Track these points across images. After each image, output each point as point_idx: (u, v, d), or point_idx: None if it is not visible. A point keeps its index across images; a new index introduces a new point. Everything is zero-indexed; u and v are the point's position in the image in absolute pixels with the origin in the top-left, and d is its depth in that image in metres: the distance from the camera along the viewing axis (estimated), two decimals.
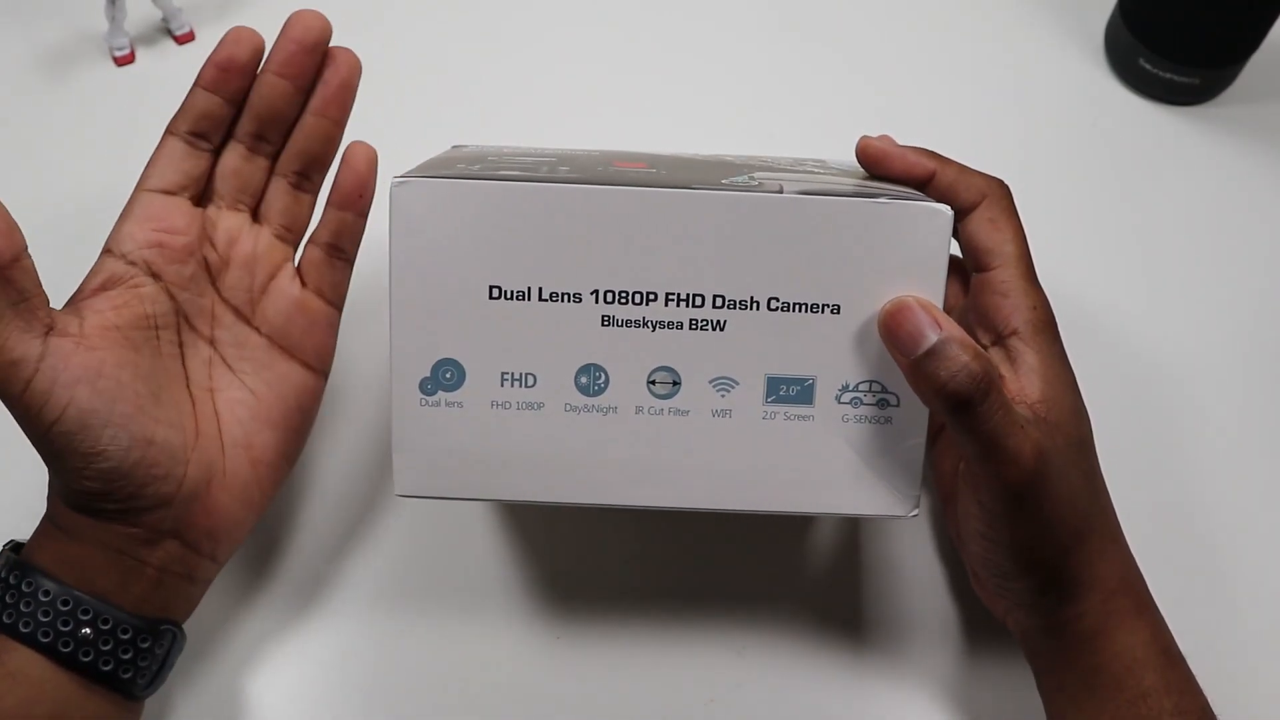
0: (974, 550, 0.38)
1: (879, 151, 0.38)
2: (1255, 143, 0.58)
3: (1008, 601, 0.38)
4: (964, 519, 0.38)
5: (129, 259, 0.39)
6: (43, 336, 0.36)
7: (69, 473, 0.36)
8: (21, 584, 0.36)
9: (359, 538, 0.46)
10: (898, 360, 0.34)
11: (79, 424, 0.35)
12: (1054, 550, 0.36)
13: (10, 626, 0.36)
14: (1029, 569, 0.36)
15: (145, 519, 0.37)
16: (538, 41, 0.62)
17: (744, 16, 0.63)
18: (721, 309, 0.35)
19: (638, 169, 0.38)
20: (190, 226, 0.40)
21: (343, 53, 0.42)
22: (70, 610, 0.36)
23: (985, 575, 0.39)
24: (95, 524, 0.37)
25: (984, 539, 0.37)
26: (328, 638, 0.44)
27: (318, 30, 0.40)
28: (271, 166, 0.42)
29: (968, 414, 0.33)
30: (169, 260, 0.39)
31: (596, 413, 0.35)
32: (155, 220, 0.39)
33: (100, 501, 0.36)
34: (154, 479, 0.37)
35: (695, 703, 0.43)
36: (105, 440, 0.36)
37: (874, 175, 0.39)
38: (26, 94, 0.58)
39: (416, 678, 0.43)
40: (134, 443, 0.36)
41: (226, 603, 0.44)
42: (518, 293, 0.35)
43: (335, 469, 0.47)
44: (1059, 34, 0.62)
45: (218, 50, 0.40)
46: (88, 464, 0.36)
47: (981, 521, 0.36)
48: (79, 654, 0.36)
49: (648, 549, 0.46)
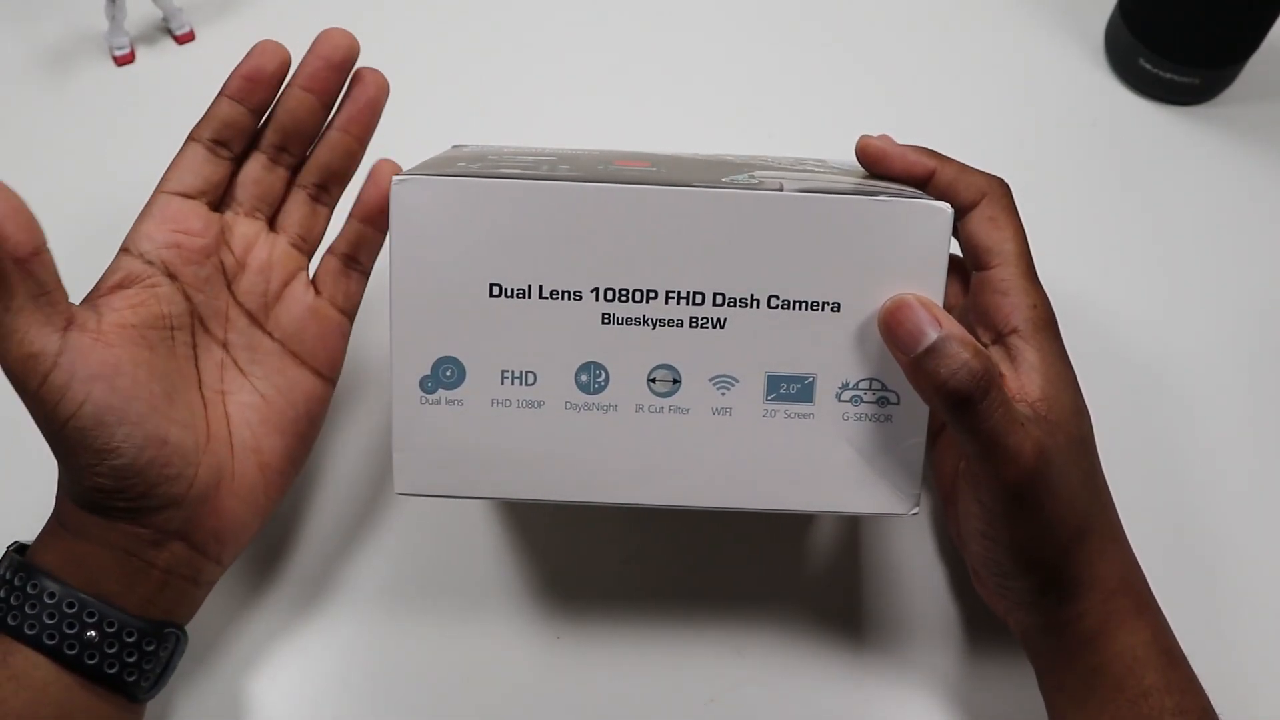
0: (974, 549, 0.38)
1: (878, 150, 0.38)
2: (1255, 143, 0.58)
3: (1008, 601, 0.38)
4: (964, 518, 0.38)
5: (146, 258, 0.39)
6: (61, 331, 0.36)
7: (81, 469, 0.36)
8: (26, 585, 0.36)
9: (360, 537, 0.46)
10: (898, 358, 0.34)
11: (94, 420, 0.35)
12: (1054, 549, 0.36)
13: (15, 629, 0.36)
14: (1029, 568, 0.36)
15: (154, 519, 0.37)
16: (539, 41, 0.62)
17: (745, 16, 0.63)
18: (722, 307, 0.35)
19: (638, 167, 0.38)
20: (208, 229, 0.40)
21: (371, 73, 0.43)
22: (76, 613, 0.36)
23: (986, 574, 0.39)
24: (103, 523, 0.37)
25: (984, 538, 0.37)
26: (328, 638, 0.44)
27: (345, 49, 0.42)
28: (291, 178, 0.43)
29: (968, 412, 0.33)
30: (186, 261, 0.39)
31: (597, 411, 0.35)
32: (174, 221, 0.40)
33: (111, 499, 0.36)
34: (165, 479, 0.37)
35: (695, 703, 0.43)
36: (120, 438, 0.36)
37: (874, 174, 0.39)
38: (26, 94, 0.58)
39: (417, 678, 0.43)
40: (148, 441, 0.36)
41: (227, 603, 0.44)
42: (518, 291, 0.35)
43: (336, 467, 0.47)
44: (1059, 34, 0.62)
45: (245, 61, 0.41)
46: (101, 460, 0.36)
47: (982, 520, 0.36)
48: (84, 656, 0.36)
49: (648, 549, 0.46)
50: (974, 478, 0.36)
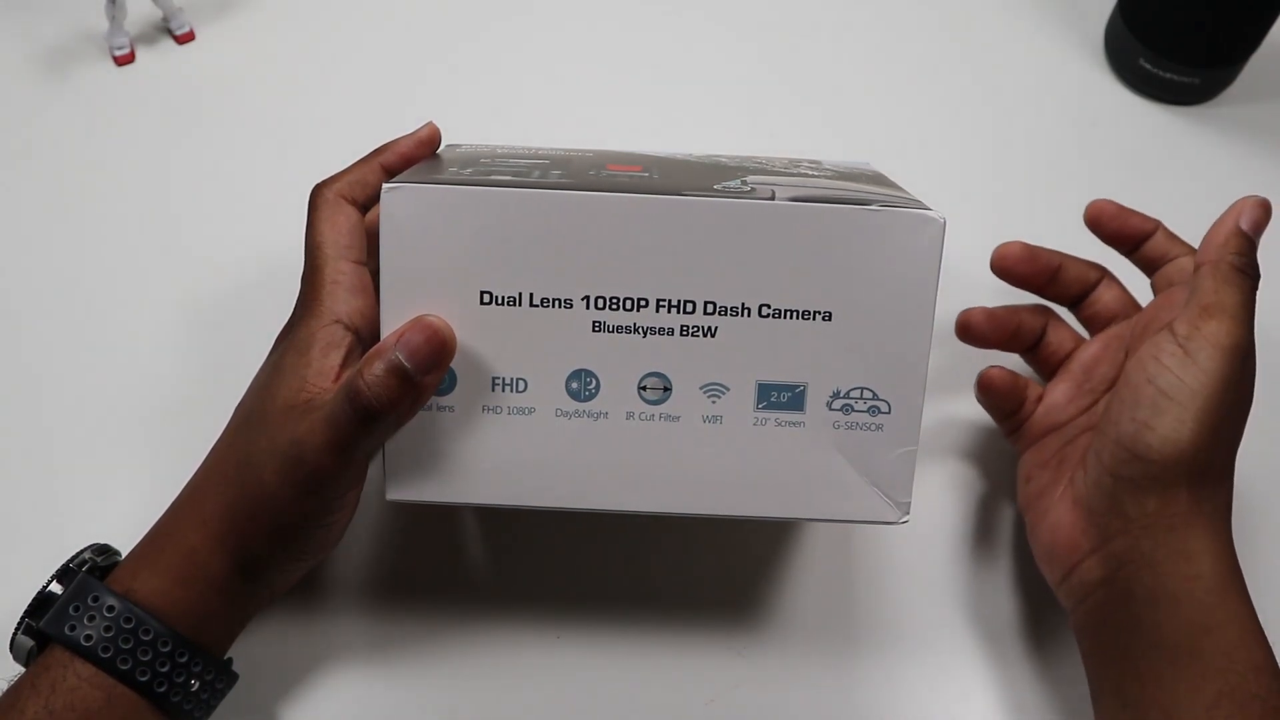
0: (1108, 458, 0.38)
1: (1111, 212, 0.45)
2: (1255, 143, 0.58)
3: (1119, 524, 0.38)
4: (1118, 414, 0.38)
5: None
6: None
7: (306, 558, 0.38)
8: (139, 631, 0.35)
9: (356, 540, 0.46)
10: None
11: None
12: (1226, 450, 0.38)
13: (127, 674, 0.35)
14: (1211, 445, 0.37)
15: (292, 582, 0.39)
16: (535, 40, 0.62)
17: (744, 16, 0.63)
18: (713, 315, 0.35)
19: (631, 172, 0.37)
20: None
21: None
22: (186, 663, 0.36)
23: (1125, 473, 0.38)
24: (250, 588, 0.38)
25: (1143, 431, 0.37)
26: (326, 639, 0.44)
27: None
28: None
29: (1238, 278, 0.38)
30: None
31: (587, 418, 0.35)
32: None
33: (291, 577, 0.39)
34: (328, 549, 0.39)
35: (695, 703, 0.43)
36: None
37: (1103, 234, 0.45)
38: (26, 94, 0.58)
39: (417, 679, 0.43)
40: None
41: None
42: (509, 298, 0.35)
43: None
44: (1059, 34, 0.62)
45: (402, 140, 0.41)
46: (314, 559, 0.39)
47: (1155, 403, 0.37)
48: (171, 695, 0.36)
49: (647, 549, 0.46)
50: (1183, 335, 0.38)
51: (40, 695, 0.34)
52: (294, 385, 0.36)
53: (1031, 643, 0.44)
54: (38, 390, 0.49)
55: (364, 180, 0.39)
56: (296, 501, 0.35)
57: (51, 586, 0.36)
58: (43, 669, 0.35)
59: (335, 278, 0.37)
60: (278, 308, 0.40)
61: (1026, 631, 0.45)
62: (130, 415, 0.48)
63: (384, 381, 0.33)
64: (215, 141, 0.57)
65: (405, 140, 0.41)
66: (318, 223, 0.38)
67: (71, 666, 0.35)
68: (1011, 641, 0.44)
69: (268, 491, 0.35)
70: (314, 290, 0.37)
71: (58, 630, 0.35)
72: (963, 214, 0.47)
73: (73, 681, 0.34)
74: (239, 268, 0.53)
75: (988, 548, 0.47)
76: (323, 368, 0.36)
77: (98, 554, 0.38)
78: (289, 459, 0.35)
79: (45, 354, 0.50)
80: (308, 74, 0.60)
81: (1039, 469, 0.43)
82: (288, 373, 0.36)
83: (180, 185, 0.56)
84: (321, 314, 0.36)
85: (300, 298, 0.38)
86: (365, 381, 0.33)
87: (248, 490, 0.36)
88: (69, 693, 0.34)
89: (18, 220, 0.54)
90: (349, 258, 0.37)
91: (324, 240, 0.38)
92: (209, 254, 0.53)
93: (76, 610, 0.35)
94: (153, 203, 0.55)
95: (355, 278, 0.37)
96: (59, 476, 0.47)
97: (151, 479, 0.46)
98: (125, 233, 0.54)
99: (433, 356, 0.34)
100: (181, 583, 0.36)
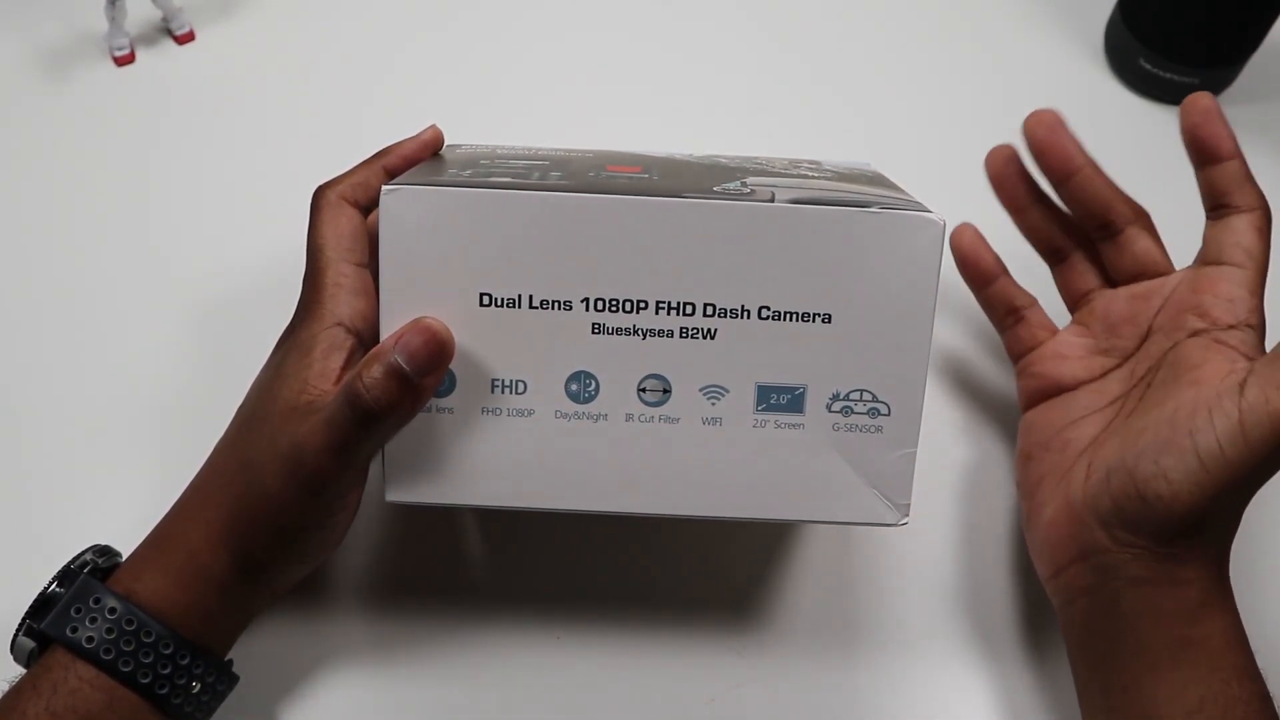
0: (1115, 484, 0.38)
1: (1206, 110, 0.43)
2: (1255, 143, 0.57)
3: (1112, 544, 0.38)
4: (1132, 439, 0.38)
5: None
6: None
7: (309, 560, 0.38)
8: (140, 633, 0.35)
9: (357, 541, 0.46)
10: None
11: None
12: (1241, 506, 0.37)
13: (129, 676, 0.35)
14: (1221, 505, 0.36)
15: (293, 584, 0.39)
16: (535, 41, 0.62)
17: (743, 16, 0.63)
18: (712, 317, 0.35)
19: (630, 173, 0.37)
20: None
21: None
22: (187, 665, 0.36)
23: (1110, 512, 0.38)
24: (252, 589, 0.38)
25: (1146, 466, 0.37)
26: (326, 641, 0.44)
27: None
28: None
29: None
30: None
31: (587, 420, 0.36)
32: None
33: (293, 578, 0.39)
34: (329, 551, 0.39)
35: (695, 703, 0.43)
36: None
37: (1191, 135, 0.43)
38: (26, 94, 0.58)
39: (417, 679, 0.43)
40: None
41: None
42: (508, 300, 0.35)
43: None
44: (1059, 34, 0.62)
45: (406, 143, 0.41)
46: (315, 560, 0.38)
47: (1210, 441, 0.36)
48: (172, 697, 0.36)
49: (647, 550, 0.46)
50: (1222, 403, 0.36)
51: (41, 696, 0.34)
52: (295, 387, 0.36)
53: (1030, 643, 0.44)
54: (38, 391, 0.49)
55: (366, 182, 0.39)
56: (297, 503, 0.35)
57: (53, 588, 0.36)
58: (44, 670, 0.35)
59: (337, 280, 0.37)
60: (279, 309, 0.40)
61: (1025, 632, 0.45)
62: (131, 416, 0.49)
63: (383, 384, 0.33)
64: (215, 142, 0.57)
65: (408, 143, 0.41)
66: (320, 225, 0.38)
67: (73, 668, 0.35)
68: (1010, 642, 0.44)
69: (269, 493, 0.35)
70: (316, 292, 0.37)
71: (59, 632, 0.35)
72: (963, 215, 0.48)
73: (74, 683, 0.34)
74: (240, 269, 0.53)
75: (987, 549, 0.47)
76: (324, 370, 0.36)
77: (99, 555, 0.38)
78: (290, 461, 0.35)
79: (45, 355, 0.50)
80: (308, 74, 0.60)
81: (1041, 449, 0.42)
82: (289, 375, 0.36)
83: (180, 186, 0.56)
84: (323, 316, 0.36)
85: (302, 300, 0.38)
86: (364, 384, 0.33)
87: (249, 492, 0.36)
88: (70, 694, 0.34)
89: (18, 220, 0.54)
90: (351, 260, 0.37)
91: (326, 242, 0.38)
92: (210, 255, 0.53)
93: (78, 612, 0.35)
94: (153, 203, 0.55)
95: (357, 280, 0.37)
96: (60, 478, 0.47)
97: (152, 480, 0.46)
98: (125, 233, 0.54)
99: (431, 359, 0.34)
100: (183, 584, 0.36)
